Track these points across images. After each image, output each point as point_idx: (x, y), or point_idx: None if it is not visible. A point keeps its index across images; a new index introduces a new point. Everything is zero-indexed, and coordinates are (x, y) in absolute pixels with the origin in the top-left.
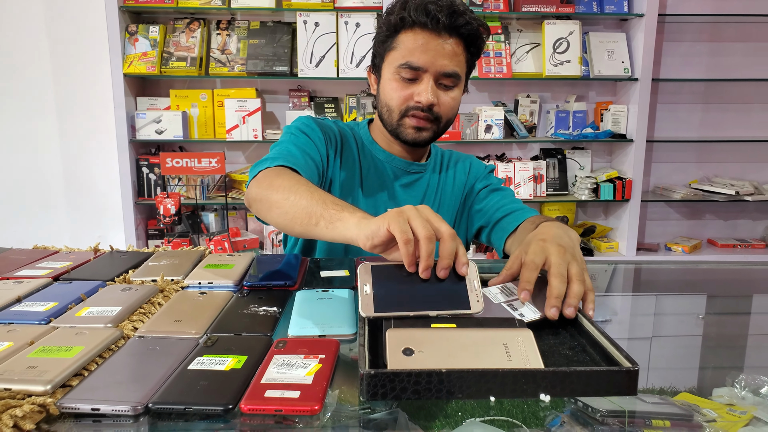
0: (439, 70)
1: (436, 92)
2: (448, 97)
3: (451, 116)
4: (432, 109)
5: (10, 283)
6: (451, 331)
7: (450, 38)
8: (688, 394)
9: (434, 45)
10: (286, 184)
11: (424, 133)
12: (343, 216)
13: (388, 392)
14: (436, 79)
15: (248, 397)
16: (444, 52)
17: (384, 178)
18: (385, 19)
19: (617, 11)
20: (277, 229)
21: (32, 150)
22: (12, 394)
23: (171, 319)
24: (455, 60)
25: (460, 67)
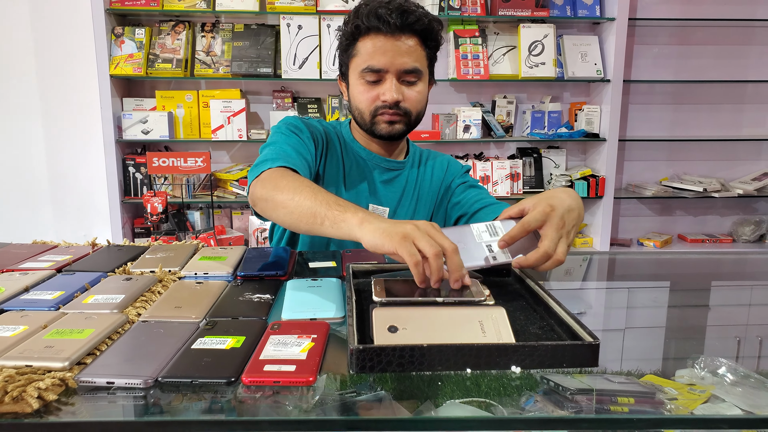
0: (400, 68)
1: (400, 89)
2: (413, 91)
3: (420, 108)
4: (399, 105)
5: (17, 275)
6: (431, 309)
7: (404, 37)
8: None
9: (391, 46)
10: (291, 185)
11: (396, 125)
12: (346, 217)
13: (375, 366)
14: (399, 77)
15: (249, 370)
16: (401, 50)
17: (365, 174)
18: (343, 30)
19: (590, 15)
20: (283, 226)
21: (18, 150)
22: (33, 370)
23: (171, 305)
24: (413, 56)
25: (420, 62)
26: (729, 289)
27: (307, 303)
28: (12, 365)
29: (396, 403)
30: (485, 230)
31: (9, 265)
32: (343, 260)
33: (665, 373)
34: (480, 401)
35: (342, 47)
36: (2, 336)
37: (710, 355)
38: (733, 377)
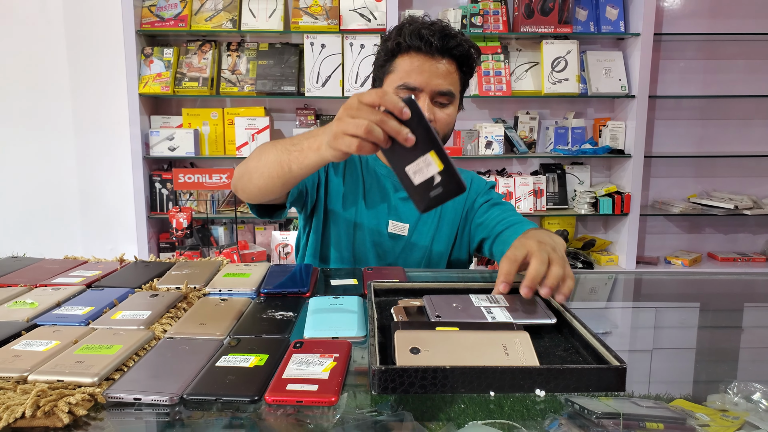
0: (434, 89)
1: (432, 110)
2: (444, 113)
3: (448, 131)
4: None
5: (49, 290)
6: (454, 333)
7: (443, 59)
8: (683, 400)
9: (428, 66)
10: (256, 152)
11: None
12: (304, 150)
13: (397, 387)
14: (432, 97)
15: (272, 389)
16: (438, 72)
17: (385, 192)
18: (382, 46)
19: (614, 31)
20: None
21: (51, 166)
22: (64, 384)
23: (196, 322)
24: (449, 79)
25: (454, 85)
26: (763, 310)
27: (329, 321)
28: (44, 380)
29: (418, 423)
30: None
31: (42, 280)
32: (365, 278)
33: (696, 397)
34: (503, 423)
35: (379, 63)
36: (35, 350)
37: (744, 379)
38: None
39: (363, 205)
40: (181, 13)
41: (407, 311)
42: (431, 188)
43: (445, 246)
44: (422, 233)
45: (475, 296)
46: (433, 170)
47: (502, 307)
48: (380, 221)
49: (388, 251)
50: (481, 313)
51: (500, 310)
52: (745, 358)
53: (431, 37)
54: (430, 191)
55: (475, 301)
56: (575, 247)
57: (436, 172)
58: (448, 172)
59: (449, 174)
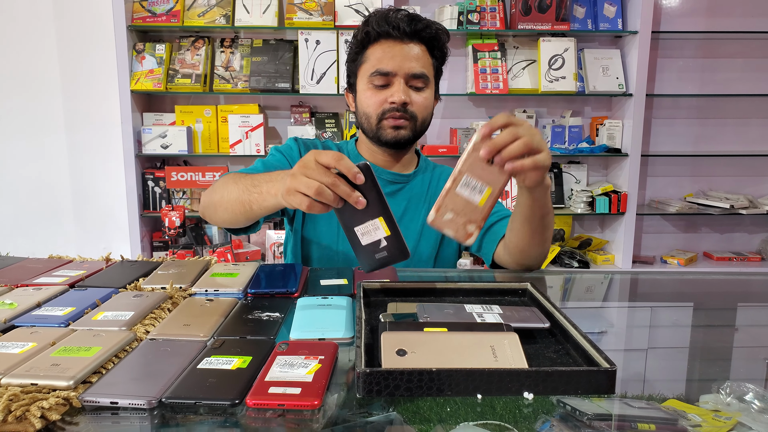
0: (408, 72)
1: (408, 92)
2: (420, 97)
3: (426, 116)
4: (407, 108)
5: (30, 290)
6: (441, 334)
7: (412, 43)
8: (676, 400)
9: (399, 50)
10: (219, 184)
11: (402, 131)
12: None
13: (383, 389)
14: (407, 81)
15: (253, 392)
16: (410, 55)
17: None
18: (352, 40)
19: (611, 28)
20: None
21: (42, 164)
22: (38, 388)
23: (180, 323)
24: (421, 62)
25: (427, 68)
26: (757, 310)
27: (316, 322)
28: (17, 383)
29: (408, 426)
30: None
31: (24, 280)
32: (355, 278)
33: (689, 397)
34: (494, 424)
35: (351, 57)
36: (10, 353)
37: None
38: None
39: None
40: (173, 8)
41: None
42: (377, 250)
43: (432, 245)
44: (409, 228)
45: (468, 305)
46: (380, 234)
47: (494, 314)
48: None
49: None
50: (472, 316)
51: (492, 315)
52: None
53: (399, 22)
54: (376, 253)
55: (467, 307)
56: (571, 247)
57: (383, 236)
58: (395, 238)
59: (395, 240)
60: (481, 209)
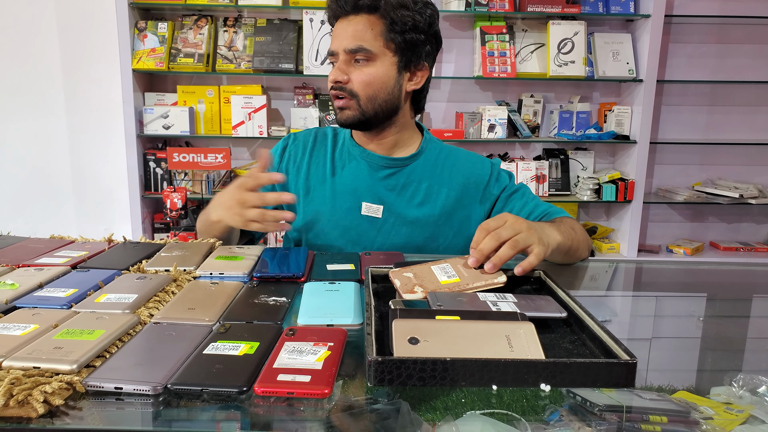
0: (345, 48)
1: (347, 70)
2: (361, 72)
3: (371, 92)
4: (344, 86)
5: (32, 270)
6: (455, 322)
7: (354, 16)
8: (686, 392)
9: (342, 28)
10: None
11: (347, 111)
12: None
13: (395, 378)
14: (350, 58)
15: (261, 380)
16: (348, 31)
17: (358, 173)
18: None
19: (623, 12)
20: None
21: (41, 144)
22: (41, 372)
23: (185, 306)
24: (360, 35)
25: (369, 41)
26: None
27: (324, 308)
28: (20, 366)
29: (415, 414)
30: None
31: (25, 260)
32: (362, 263)
33: (699, 390)
34: (502, 413)
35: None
36: (12, 335)
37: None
38: None
39: (331, 188)
40: None
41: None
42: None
43: (427, 236)
44: (401, 219)
45: (481, 292)
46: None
47: (509, 302)
48: (354, 203)
49: (362, 234)
50: (486, 304)
51: (506, 304)
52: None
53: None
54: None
55: (481, 295)
56: None
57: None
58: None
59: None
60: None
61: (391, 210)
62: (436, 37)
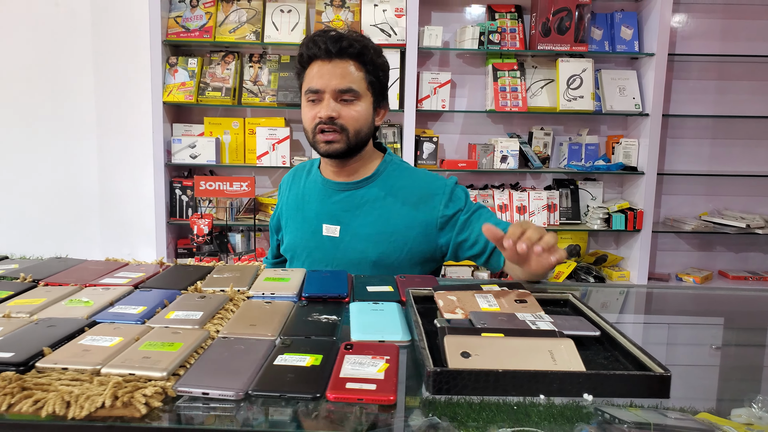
0: (334, 89)
1: (336, 107)
2: (350, 110)
3: (358, 127)
4: (335, 121)
5: (99, 290)
6: (500, 339)
7: (339, 60)
8: (708, 414)
9: (327, 69)
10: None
11: (334, 144)
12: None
13: (451, 388)
14: (336, 97)
15: (332, 387)
16: (335, 73)
17: (322, 199)
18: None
19: (628, 50)
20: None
21: (73, 168)
22: (136, 378)
23: (246, 323)
24: (348, 78)
25: (356, 83)
26: None
27: (373, 325)
28: (117, 373)
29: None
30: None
31: (90, 280)
32: (399, 285)
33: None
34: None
35: (296, 75)
36: (102, 345)
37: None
38: None
39: (301, 214)
40: (206, 24)
41: (452, 320)
42: None
43: (381, 251)
44: (356, 237)
45: (519, 312)
46: None
47: (546, 321)
48: (314, 226)
49: (325, 253)
50: (525, 323)
51: (544, 323)
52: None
53: (323, 43)
54: None
55: (519, 315)
56: (587, 262)
57: None
58: None
59: None
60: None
61: (347, 229)
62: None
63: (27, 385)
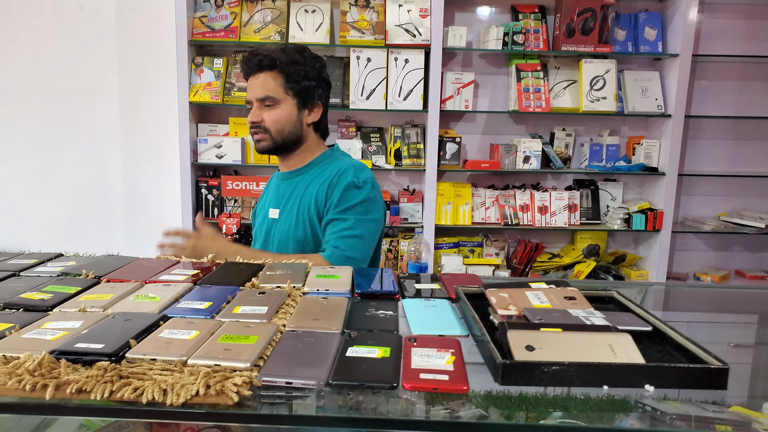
0: (256, 98)
1: (260, 113)
2: (270, 114)
3: (279, 127)
4: (260, 124)
5: (160, 286)
6: (561, 333)
7: (260, 73)
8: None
9: (252, 83)
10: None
11: (262, 143)
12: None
13: (519, 379)
14: (260, 104)
15: (407, 377)
16: (256, 84)
17: (275, 188)
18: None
19: (652, 51)
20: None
21: (97, 170)
22: (222, 368)
23: (309, 317)
24: (265, 87)
25: (273, 91)
26: None
27: (430, 321)
28: (203, 364)
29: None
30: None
31: (148, 277)
32: (444, 283)
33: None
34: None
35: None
36: (182, 338)
37: None
38: None
39: (262, 203)
40: (231, 25)
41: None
42: None
43: (303, 230)
44: (285, 216)
45: (572, 309)
46: None
47: (598, 317)
48: (267, 210)
49: (270, 234)
50: (579, 319)
51: (597, 318)
52: None
53: (245, 62)
54: None
55: (572, 311)
56: (606, 262)
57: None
58: None
59: None
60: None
61: (282, 212)
62: (325, 82)
63: (123, 374)
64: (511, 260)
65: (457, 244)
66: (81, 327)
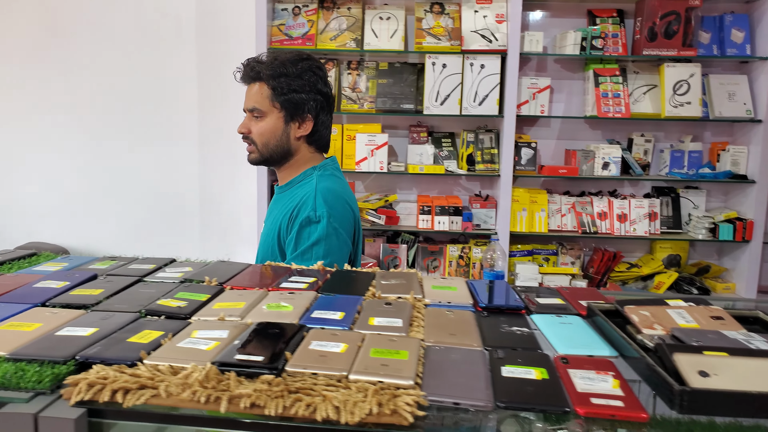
0: (246, 108)
1: (248, 124)
2: (257, 125)
3: (265, 140)
4: (247, 135)
5: (286, 294)
6: (728, 358)
7: (252, 83)
8: None
9: (246, 92)
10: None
11: (251, 155)
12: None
13: (701, 408)
14: (250, 115)
15: (579, 402)
16: (247, 94)
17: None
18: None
19: (739, 54)
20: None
21: (175, 173)
22: (386, 385)
23: (445, 332)
24: (253, 98)
25: (259, 102)
26: None
27: (571, 339)
28: (366, 380)
29: None
30: (735, 333)
31: (269, 285)
32: (568, 298)
33: None
34: None
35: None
36: (332, 351)
37: None
38: None
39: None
40: (308, 32)
41: None
42: None
43: (271, 252)
44: (265, 235)
45: (725, 331)
46: None
47: (760, 340)
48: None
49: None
50: (738, 341)
51: (758, 342)
52: None
53: (237, 73)
54: None
55: (728, 334)
56: (689, 273)
57: None
58: None
59: None
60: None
61: (264, 228)
62: (321, 94)
63: (291, 389)
64: (587, 269)
65: (531, 252)
66: (230, 337)
